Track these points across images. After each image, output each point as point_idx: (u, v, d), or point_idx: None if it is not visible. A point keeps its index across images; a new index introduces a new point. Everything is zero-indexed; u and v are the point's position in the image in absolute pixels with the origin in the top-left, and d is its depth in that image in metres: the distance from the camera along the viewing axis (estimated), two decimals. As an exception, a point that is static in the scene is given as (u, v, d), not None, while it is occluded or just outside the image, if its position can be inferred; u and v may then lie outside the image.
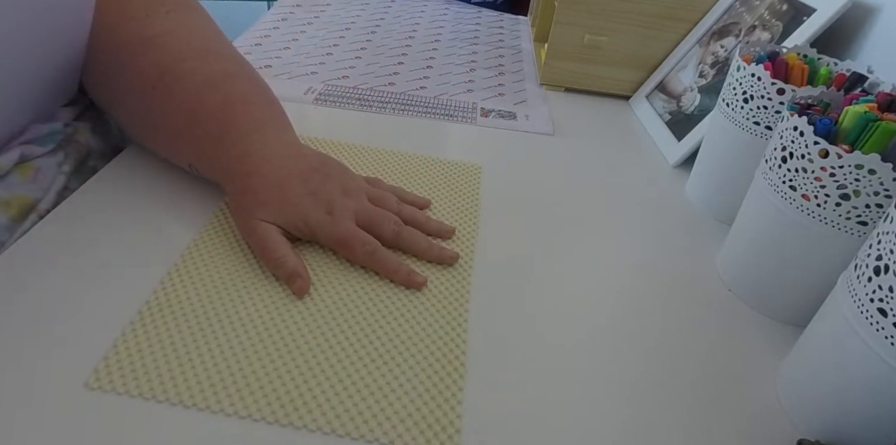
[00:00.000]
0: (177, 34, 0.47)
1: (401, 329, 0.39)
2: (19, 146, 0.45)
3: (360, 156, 0.57)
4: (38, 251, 0.41)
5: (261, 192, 0.43)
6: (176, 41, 0.46)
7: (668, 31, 0.74)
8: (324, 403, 0.33)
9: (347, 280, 0.42)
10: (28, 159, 0.45)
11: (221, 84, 0.46)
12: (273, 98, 0.49)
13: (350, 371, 0.35)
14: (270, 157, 0.44)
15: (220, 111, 0.45)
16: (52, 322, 0.36)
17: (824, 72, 0.50)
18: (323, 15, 0.95)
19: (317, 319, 0.38)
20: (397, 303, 0.41)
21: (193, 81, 0.45)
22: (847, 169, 0.36)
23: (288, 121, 0.49)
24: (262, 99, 0.48)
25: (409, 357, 0.37)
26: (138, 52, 0.46)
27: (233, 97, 0.45)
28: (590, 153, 0.66)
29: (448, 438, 0.32)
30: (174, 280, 0.40)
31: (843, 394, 0.34)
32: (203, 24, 0.50)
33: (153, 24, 0.47)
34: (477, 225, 0.50)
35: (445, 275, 0.44)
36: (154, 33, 0.46)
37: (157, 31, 0.46)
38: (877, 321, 0.31)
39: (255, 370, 0.35)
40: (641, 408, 0.37)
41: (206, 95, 0.45)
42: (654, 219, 0.56)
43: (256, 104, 0.47)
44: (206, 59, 0.47)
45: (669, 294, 0.46)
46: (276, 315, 0.38)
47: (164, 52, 0.46)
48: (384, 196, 0.47)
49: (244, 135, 0.44)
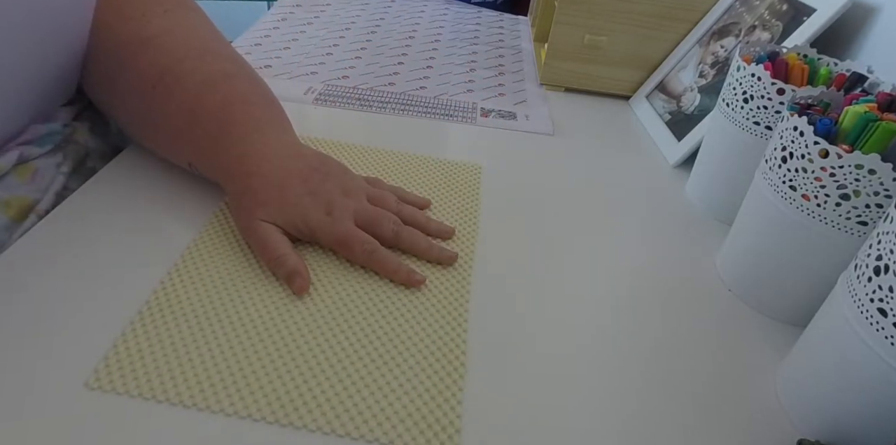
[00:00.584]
0: (175, 34, 0.47)
1: (401, 329, 0.39)
2: (18, 147, 0.45)
3: (360, 157, 0.57)
4: (38, 251, 0.41)
5: (261, 192, 0.43)
6: (174, 41, 0.46)
7: (668, 31, 0.74)
8: (324, 403, 0.33)
9: (348, 280, 0.42)
10: (27, 160, 0.45)
11: (221, 84, 0.46)
12: (273, 98, 0.49)
13: (350, 371, 0.35)
14: (270, 157, 0.44)
15: (220, 111, 0.45)
16: (52, 322, 0.36)
17: (824, 72, 0.50)
18: (323, 15, 0.95)
19: (317, 319, 0.38)
20: (397, 303, 0.41)
21: (193, 81, 0.45)
22: (847, 169, 0.36)
23: (288, 121, 0.49)
24: (262, 99, 0.48)
25: (409, 357, 0.37)
26: (137, 52, 0.46)
27: (232, 97, 0.45)
28: (590, 153, 0.66)
29: (448, 438, 0.32)
30: (174, 280, 0.40)
31: (843, 394, 0.34)
32: (201, 24, 0.50)
33: (151, 23, 0.47)
34: (477, 226, 0.50)
35: (445, 276, 0.44)
36: (152, 33, 0.46)
37: (155, 31, 0.46)
38: (877, 321, 0.31)
39: (255, 370, 0.35)
40: (641, 408, 0.37)
41: (206, 95, 0.45)
42: (654, 220, 0.56)
43: (256, 104, 0.47)
44: (204, 59, 0.47)
45: (669, 294, 0.46)
46: (277, 315, 0.38)
47: (163, 52, 0.46)
48: (384, 196, 0.47)
49: (244, 135, 0.44)
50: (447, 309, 0.41)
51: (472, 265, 0.45)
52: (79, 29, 0.45)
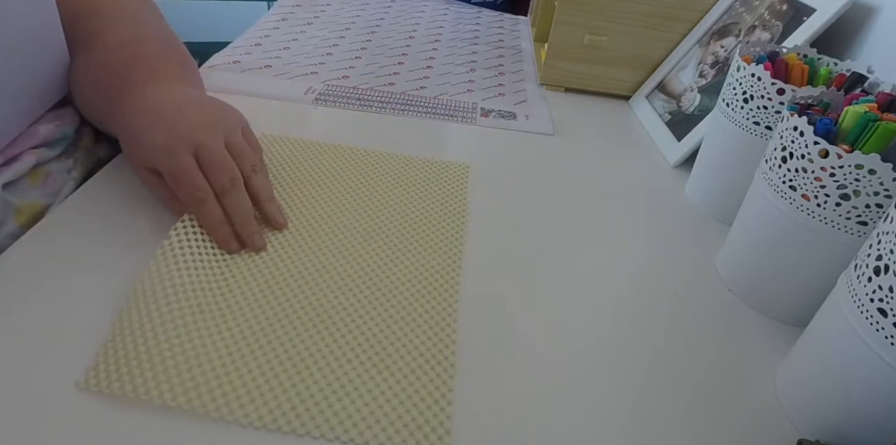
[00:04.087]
0: (105, 3, 0.51)
1: (389, 330, 0.39)
2: (33, 151, 0.45)
3: (360, 157, 0.57)
4: (38, 251, 0.41)
5: (137, 135, 0.43)
6: (106, 10, 0.50)
7: (668, 31, 0.74)
8: (312, 407, 0.33)
9: (336, 283, 0.42)
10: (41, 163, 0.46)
11: (128, 46, 0.48)
12: (183, 59, 0.52)
13: (339, 374, 0.35)
14: (158, 103, 0.44)
15: (121, 69, 0.47)
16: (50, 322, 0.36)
17: (824, 72, 0.50)
18: (323, 15, 0.95)
19: (304, 322, 0.38)
20: (386, 305, 0.40)
21: (106, 45, 0.48)
22: (847, 169, 0.36)
23: (194, 77, 0.51)
24: (166, 59, 0.50)
25: (398, 358, 0.37)
26: (84, 21, 0.49)
27: (135, 58, 0.48)
28: (590, 153, 0.66)
29: (438, 439, 0.32)
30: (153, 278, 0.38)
31: (843, 394, 0.34)
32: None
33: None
34: (474, 225, 0.50)
35: (434, 276, 0.43)
36: (93, 6, 0.50)
37: (95, 5, 0.50)
38: (877, 321, 0.31)
39: (241, 374, 0.34)
40: (641, 408, 0.37)
41: (112, 56, 0.48)
42: (654, 220, 0.56)
43: (158, 62, 0.49)
44: (127, 25, 0.50)
45: (669, 294, 0.46)
46: (263, 317, 0.38)
47: (97, 19, 0.49)
48: (245, 152, 0.45)
49: (140, 87, 0.45)
50: (437, 309, 0.41)
51: (462, 266, 0.45)
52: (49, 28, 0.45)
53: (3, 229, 0.42)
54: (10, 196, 0.43)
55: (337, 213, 0.48)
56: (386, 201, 0.51)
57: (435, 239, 0.47)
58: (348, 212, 0.49)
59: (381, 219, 0.49)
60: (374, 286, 0.42)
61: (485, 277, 0.45)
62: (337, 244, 0.45)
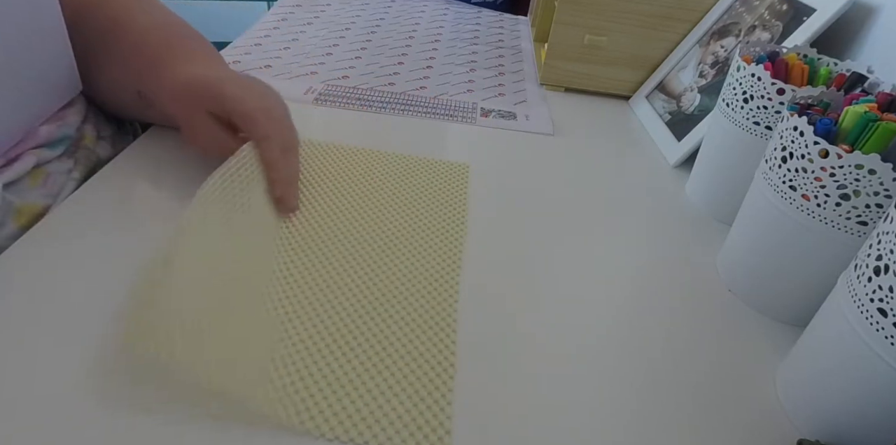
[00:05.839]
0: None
1: (389, 330, 0.38)
2: (33, 151, 0.45)
3: (359, 157, 0.57)
4: (38, 251, 0.41)
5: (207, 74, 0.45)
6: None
7: (668, 31, 0.74)
8: (312, 407, 0.33)
9: (336, 283, 0.42)
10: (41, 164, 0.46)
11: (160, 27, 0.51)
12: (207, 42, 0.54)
13: (339, 374, 0.35)
14: (206, 68, 0.47)
15: (159, 45, 0.49)
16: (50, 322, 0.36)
17: (824, 72, 0.50)
18: (323, 15, 0.95)
19: (304, 322, 0.38)
20: (386, 305, 0.40)
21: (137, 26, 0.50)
22: (847, 169, 0.36)
23: (222, 58, 0.53)
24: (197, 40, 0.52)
25: (397, 358, 0.37)
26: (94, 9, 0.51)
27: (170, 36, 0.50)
28: (590, 153, 0.66)
29: (438, 439, 0.32)
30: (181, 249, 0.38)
31: (844, 394, 0.34)
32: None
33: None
34: (473, 225, 0.50)
35: (434, 276, 0.43)
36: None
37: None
38: (877, 321, 0.31)
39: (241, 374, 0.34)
40: (641, 408, 0.37)
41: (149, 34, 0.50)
42: (654, 220, 0.56)
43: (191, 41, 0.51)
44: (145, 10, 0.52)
45: (669, 294, 0.46)
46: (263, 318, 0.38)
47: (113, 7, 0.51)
48: (295, 132, 0.49)
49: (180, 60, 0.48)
50: (436, 309, 0.41)
51: (461, 265, 0.45)
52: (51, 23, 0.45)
53: (3, 230, 0.42)
54: (11, 196, 0.43)
55: (336, 213, 0.48)
56: (386, 201, 0.51)
57: (434, 238, 0.47)
58: (348, 211, 0.49)
59: (380, 218, 0.49)
60: (374, 286, 0.42)
61: (485, 277, 0.45)
62: (336, 243, 0.45)
